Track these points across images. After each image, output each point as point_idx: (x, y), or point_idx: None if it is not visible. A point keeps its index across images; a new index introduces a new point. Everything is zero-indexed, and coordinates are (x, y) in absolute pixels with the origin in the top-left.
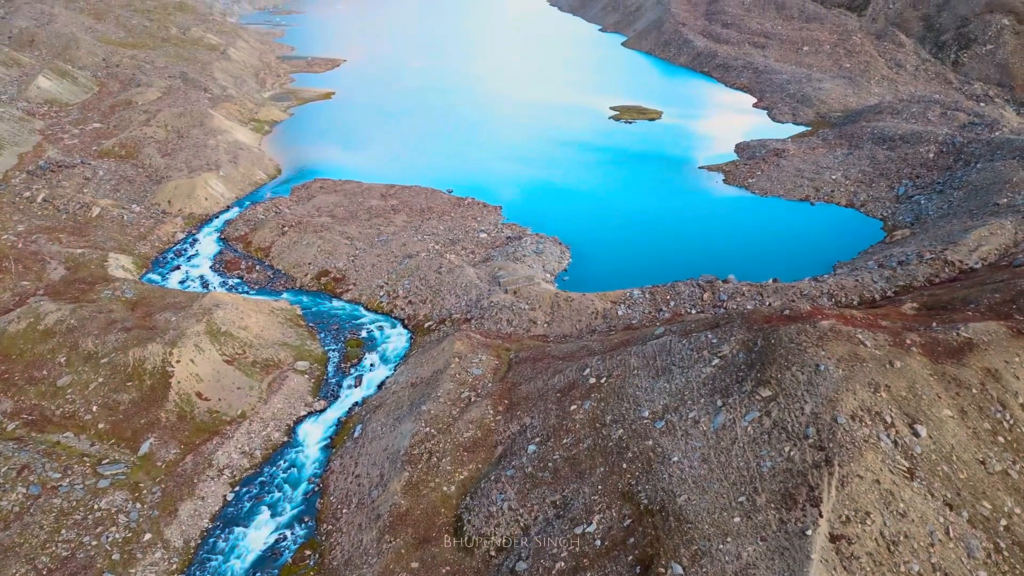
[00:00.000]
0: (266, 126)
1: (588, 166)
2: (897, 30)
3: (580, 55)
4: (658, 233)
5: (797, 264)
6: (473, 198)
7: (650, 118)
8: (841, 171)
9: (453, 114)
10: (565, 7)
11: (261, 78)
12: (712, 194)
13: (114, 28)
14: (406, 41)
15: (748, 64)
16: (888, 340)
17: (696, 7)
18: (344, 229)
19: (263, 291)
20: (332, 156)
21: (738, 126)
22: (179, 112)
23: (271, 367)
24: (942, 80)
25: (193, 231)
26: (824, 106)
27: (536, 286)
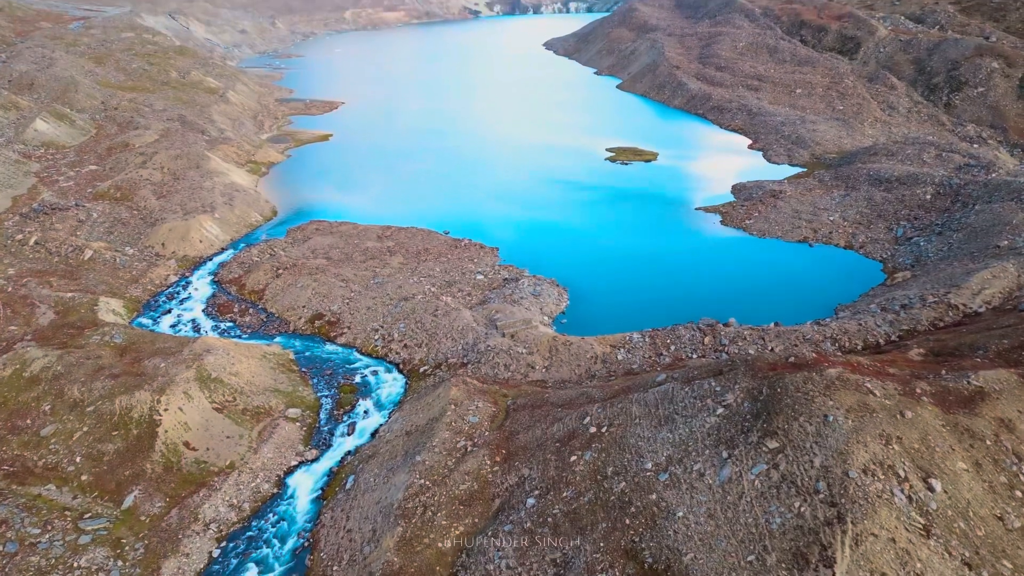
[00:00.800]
0: (263, 168)
1: (585, 207)
2: (889, 73)
3: (576, 97)
4: (657, 275)
5: (798, 307)
6: (470, 239)
7: (646, 159)
8: (839, 212)
9: (450, 155)
10: (561, 51)
11: (259, 120)
12: (710, 235)
13: (114, 72)
14: (404, 84)
15: (742, 106)
16: (898, 389)
17: (690, 51)
18: (339, 271)
19: (256, 335)
20: (329, 197)
21: (734, 168)
22: (176, 154)
23: (262, 415)
24: (935, 122)
25: (186, 274)
26: (819, 148)
27: (534, 329)
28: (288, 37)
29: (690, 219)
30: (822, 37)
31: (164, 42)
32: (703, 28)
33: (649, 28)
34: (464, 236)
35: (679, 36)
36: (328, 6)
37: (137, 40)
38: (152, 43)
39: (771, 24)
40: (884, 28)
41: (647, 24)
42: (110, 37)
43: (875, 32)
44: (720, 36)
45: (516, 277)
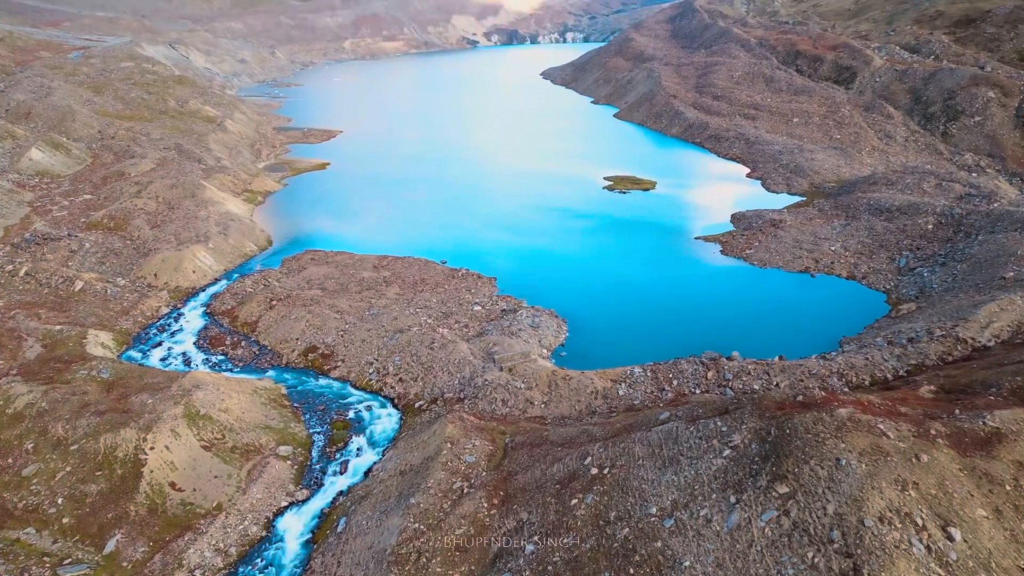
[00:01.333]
0: (259, 197)
1: (583, 236)
2: (885, 102)
3: (573, 126)
4: (657, 305)
5: (802, 339)
6: (467, 269)
7: (644, 188)
8: (840, 242)
9: (448, 184)
10: (558, 80)
11: (257, 149)
12: (710, 265)
13: (112, 101)
14: (402, 113)
15: (740, 135)
16: (911, 430)
17: (686, 80)
18: (334, 303)
19: (247, 369)
20: (325, 226)
21: (732, 196)
22: (171, 183)
23: (251, 452)
24: (932, 151)
25: (178, 305)
26: (818, 176)
27: (532, 363)
28: (287, 66)
29: (690, 248)
30: (818, 67)
31: (163, 71)
32: (699, 58)
33: (646, 58)
34: (461, 266)
35: (675, 65)
36: (327, 36)
37: (136, 69)
38: (151, 72)
39: (767, 54)
40: (879, 58)
41: (643, 54)
42: (109, 67)
43: (871, 62)
44: (716, 65)
45: (514, 308)
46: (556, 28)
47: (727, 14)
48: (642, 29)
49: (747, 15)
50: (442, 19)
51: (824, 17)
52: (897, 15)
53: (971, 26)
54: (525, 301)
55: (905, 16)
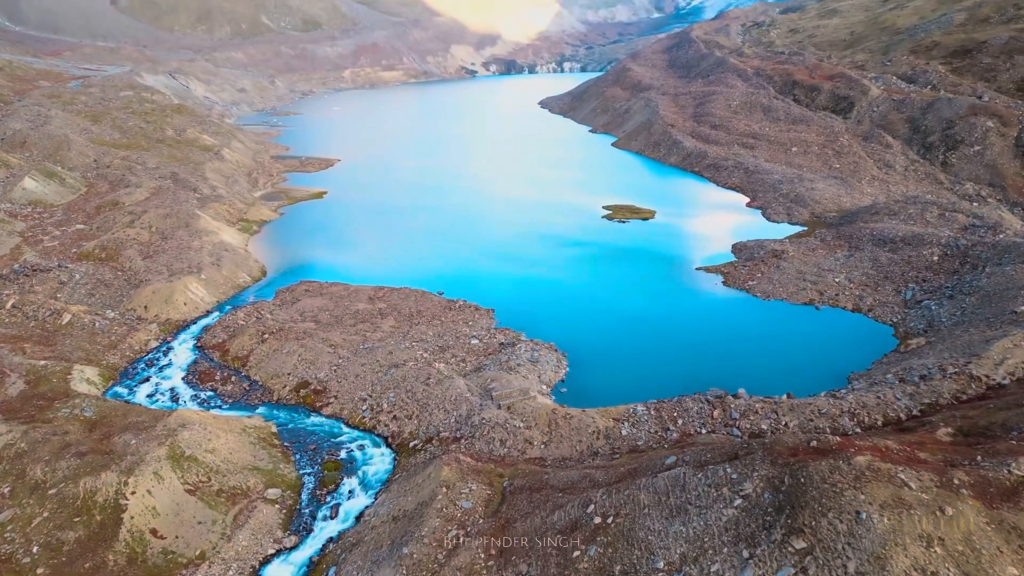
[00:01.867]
0: (254, 226)
1: (582, 266)
2: (883, 132)
3: (571, 155)
4: (658, 339)
5: (809, 375)
6: (464, 300)
7: (643, 217)
8: (844, 274)
9: (446, 212)
10: (555, 109)
11: (253, 178)
12: (712, 297)
13: (109, 129)
14: (400, 141)
15: (739, 164)
16: (934, 480)
17: (684, 109)
18: (327, 336)
19: (237, 405)
20: (320, 256)
21: (733, 226)
22: (165, 213)
23: (238, 496)
24: (933, 180)
25: (168, 338)
26: (819, 206)
27: (532, 400)
28: (287, 95)
29: (691, 279)
30: (815, 96)
31: (162, 100)
32: (696, 87)
33: (643, 87)
34: (459, 297)
35: (673, 95)
36: (327, 65)
37: (135, 98)
38: (150, 102)
39: (764, 84)
40: (876, 88)
41: (641, 84)
42: (108, 96)
43: (868, 92)
44: (714, 95)
45: (513, 342)
46: (553, 58)
47: (723, 44)
48: (639, 59)
49: (743, 45)
50: (441, 49)
51: (820, 47)
52: (893, 45)
53: (967, 56)
54: (524, 334)
55: (901, 46)
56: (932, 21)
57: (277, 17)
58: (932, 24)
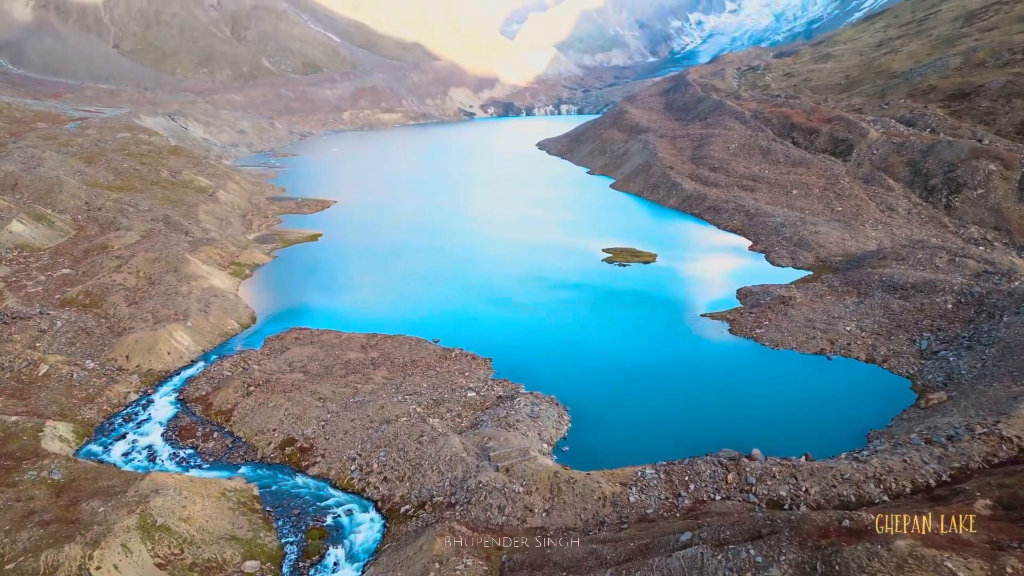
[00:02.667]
0: (246, 270)
1: (583, 312)
2: (884, 174)
3: (569, 196)
4: (664, 390)
5: (825, 432)
6: (461, 349)
7: (644, 261)
8: (855, 322)
9: (442, 255)
10: (554, 151)
11: (248, 219)
12: (719, 346)
13: (104, 171)
14: (398, 182)
15: (739, 207)
16: (984, 568)
17: (682, 151)
18: (316, 388)
19: (218, 464)
20: (312, 301)
21: (736, 270)
22: (153, 257)
23: (213, 569)
24: (937, 224)
25: (149, 391)
26: (823, 250)
27: (532, 462)
28: (286, 136)
29: (696, 326)
30: (814, 139)
31: (159, 142)
32: (694, 130)
33: (640, 129)
34: (455, 344)
35: (671, 137)
36: (327, 107)
37: (132, 140)
38: (147, 143)
39: (762, 126)
40: (875, 131)
41: (638, 126)
42: (105, 137)
43: (867, 134)
44: (712, 137)
45: (511, 394)
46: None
47: (720, 87)
48: (636, 101)
49: (739, 88)
50: (440, 92)
51: (815, 91)
52: (889, 89)
53: (965, 100)
54: (523, 386)
55: (897, 90)
56: (927, 65)
57: (278, 60)
58: (928, 68)
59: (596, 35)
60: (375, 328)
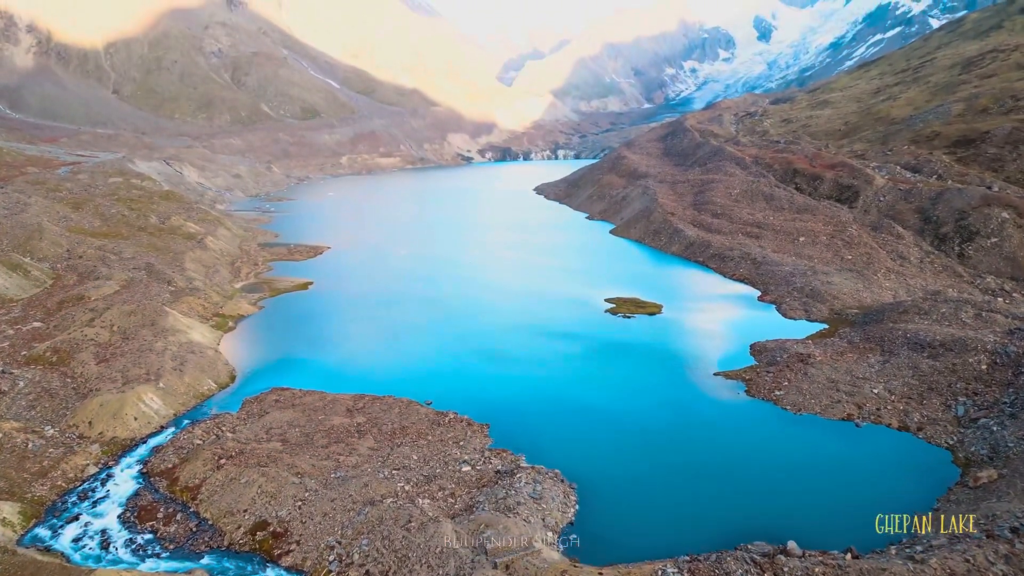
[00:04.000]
0: (230, 322)
1: (587, 369)
2: (893, 222)
3: (569, 242)
4: (680, 464)
5: (865, 515)
6: (455, 413)
7: (650, 312)
8: (882, 383)
9: (437, 305)
10: (551, 195)
11: (236, 267)
12: (736, 410)
13: (90, 217)
14: (393, 228)
15: (745, 255)
16: None
17: (683, 197)
18: (294, 461)
19: (179, 552)
20: (298, 356)
21: (747, 322)
22: (130, 310)
23: None
24: (951, 273)
25: (110, 462)
26: (837, 302)
27: (535, 556)
28: (282, 181)
29: (710, 387)
30: (818, 185)
31: (151, 187)
32: (694, 175)
33: (639, 175)
34: (449, 406)
35: (670, 183)
36: (325, 152)
37: (123, 185)
38: (138, 188)
39: (764, 172)
40: (881, 177)
41: (637, 171)
42: (96, 182)
43: (872, 181)
44: (713, 183)
45: (511, 469)
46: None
47: (718, 133)
48: (634, 147)
49: (737, 134)
50: (438, 137)
51: (815, 137)
52: (891, 135)
53: (971, 146)
54: (523, 458)
55: (900, 136)
56: (929, 112)
57: (277, 106)
58: (930, 114)
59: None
60: (363, 386)
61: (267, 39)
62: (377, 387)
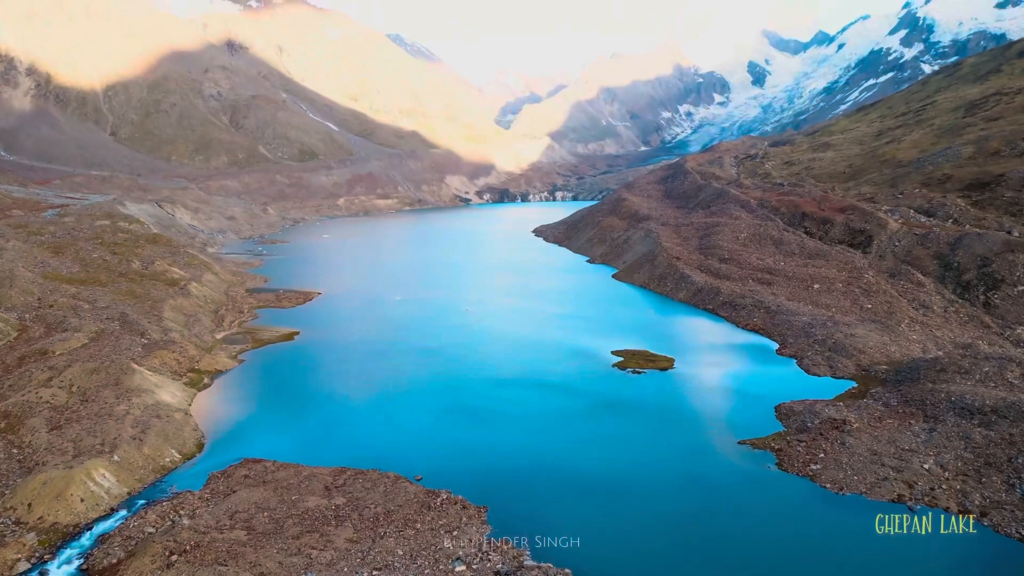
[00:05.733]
0: (206, 378)
1: (596, 435)
2: (911, 268)
3: (570, 286)
4: (708, 557)
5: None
6: (448, 492)
7: (661, 367)
8: (932, 457)
9: (431, 358)
10: (550, 238)
11: (220, 315)
12: (768, 487)
13: (70, 262)
14: (388, 271)
15: (758, 303)
16: None
17: (687, 241)
18: (258, 558)
19: None
20: (275, 420)
21: (767, 380)
22: (92, 368)
23: None
24: (977, 323)
25: (47, 556)
26: (864, 357)
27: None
28: (277, 222)
29: (735, 458)
30: (828, 229)
31: (139, 230)
32: (698, 218)
33: (641, 217)
34: (441, 483)
35: (674, 226)
36: (322, 193)
37: (110, 228)
38: (125, 231)
39: (770, 215)
40: (894, 221)
41: (638, 214)
42: (82, 225)
43: (886, 225)
44: (718, 226)
45: (513, 569)
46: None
47: (719, 175)
48: (634, 189)
49: (739, 176)
50: (436, 178)
51: (819, 179)
52: (899, 178)
53: (986, 190)
54: (527, 554)
55: (909, 179)
56: (938, 154)
57: (275, 148)
58: (939, 157)
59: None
60: (346, 455)
61: (267, 83)
62: (362, 457)
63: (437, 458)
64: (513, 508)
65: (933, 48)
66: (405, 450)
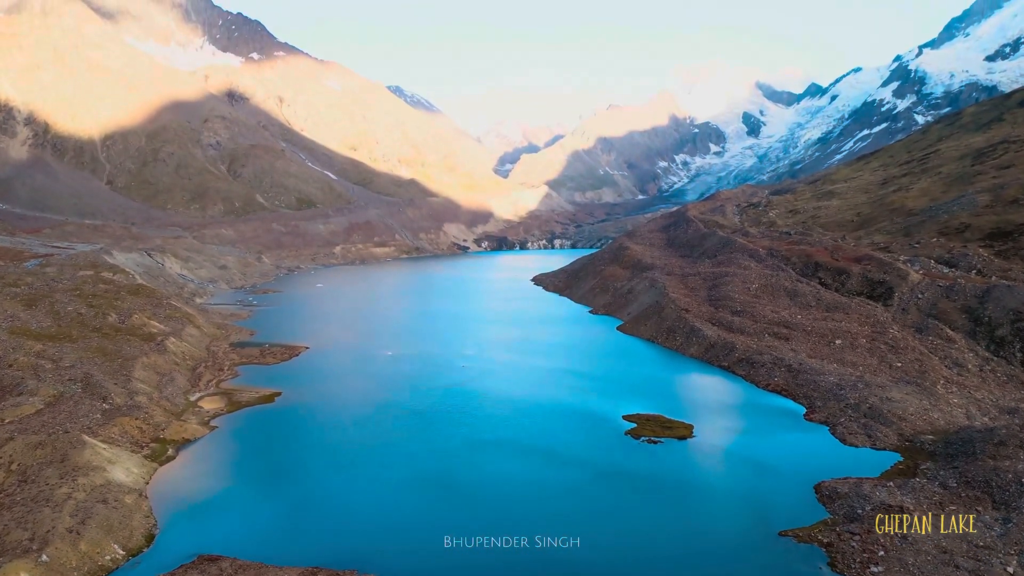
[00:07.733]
0: (170, 449)
1: (612, 525)
2: (939, 322)
3: (573, 340)
4: None
5: None
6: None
7: (680, 436)
8: (1015, 557)
9: (424, 423)
10: (550, 287)
11: (198, 373)
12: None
13: (42, 316)
14: (381, 322)
15: (778, 360)
16: None
17: (695, 291)
18: None
19: None
20: (241, 503)
21: (800, 451)
22: (37, 441)
23: None
24: (1017, 383)
25: None
26: (905, 424)
27: None
28: (271, 271)
29: (778, 555)
30: (844, 280)
31: (123, 280)
32: (705, 268)
33: (644, 266)
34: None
35: (680, 276)
36: (318, 241)
37: (92, 279)
38: (107, 282)
39: (781, 265)
40: (915, 272)
41: (641, 262)
42: (63, 275)
43: (907, 276)
44: (727, 276)
45: None
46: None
47: (723, 224)
48: (635, 237)
49: (744, 225)
50: (434, 226)
51: (827, 228)
52: (913, 227)
53: (1009, 239)
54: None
55: (924, 228)
56: (952, 203)
57: (272, 196)
58: (954, 205)
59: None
60: (320, 551)
61: (266, 132)
62: (338, 551)
63: (425, 554)
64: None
65: (926, 99)
66: (387, 542)
